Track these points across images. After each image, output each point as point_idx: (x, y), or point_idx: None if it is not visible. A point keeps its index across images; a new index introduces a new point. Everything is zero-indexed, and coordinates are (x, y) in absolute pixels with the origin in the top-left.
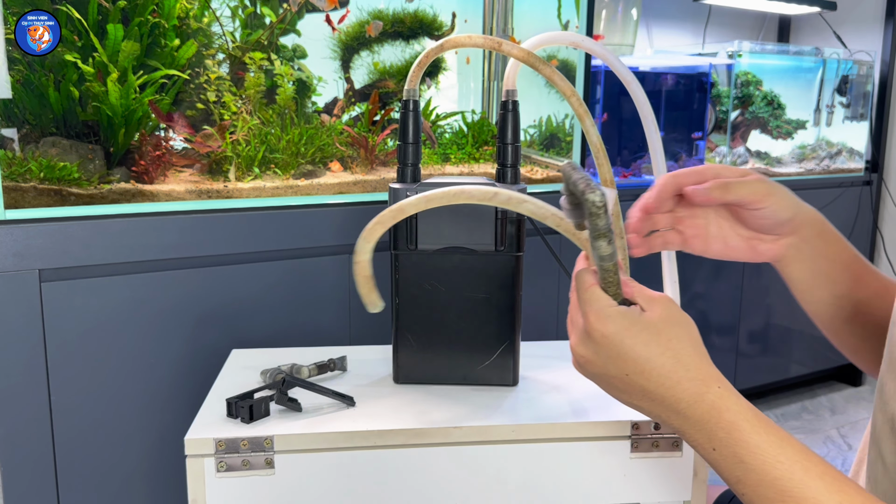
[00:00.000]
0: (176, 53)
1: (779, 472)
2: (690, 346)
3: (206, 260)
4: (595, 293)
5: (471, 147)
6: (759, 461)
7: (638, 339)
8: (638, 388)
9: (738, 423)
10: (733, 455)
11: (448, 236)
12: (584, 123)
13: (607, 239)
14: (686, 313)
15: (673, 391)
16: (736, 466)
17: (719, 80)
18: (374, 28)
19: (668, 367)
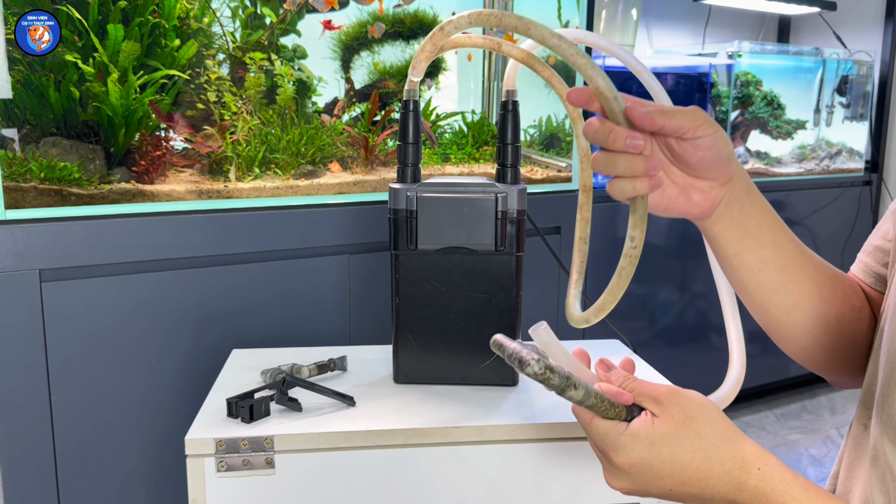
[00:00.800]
0: (176, 54)
1: None
2: (715, 436)
3: (206, 260)
4: (599, 427)
5: (471, 147)
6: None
7: (664, 455)
8: (687, 495)
9: (783, 503)
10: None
11: (448, 236)
12: (576, 128)
13: (571, 387)
14: (699, 396)
15: (717, 488)
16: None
17: (719, 80)
18: (377, 30)
19: (702, 468)
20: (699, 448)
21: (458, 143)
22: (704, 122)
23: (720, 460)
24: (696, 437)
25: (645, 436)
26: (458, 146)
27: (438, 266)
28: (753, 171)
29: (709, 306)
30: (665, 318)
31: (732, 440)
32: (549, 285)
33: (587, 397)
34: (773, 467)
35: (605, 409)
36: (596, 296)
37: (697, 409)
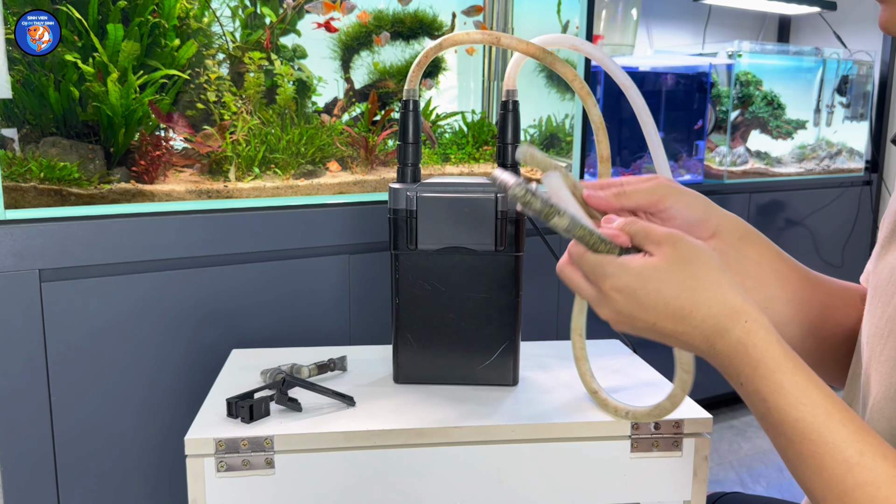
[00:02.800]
0: (176, 53)
1: (800, 413)
2: (709, 280)
3: (206, 260)
4: (590, 259)
5: (471, 147)
6: (781, 401)
7: (650, 286)
8: (669, 333)
9: (763, 361)
10: (756, 392)
11: (448, 236)
12: (587, 103)
13: (555, 214)
14: (701, 243)
15: (698, 330)
16: (759, 403)
17: (719, 80)
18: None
19: (687, 307)
20: (688, 287)
21: (458, 143)
22: (664, 195)
23: (707, 303)
24: (687, 277)
25: (635, 266)
26: (458, 146)
27: (438, 266)
28: (753, 171)
29: None
30: None
31: (726, 289)
32: (549, 285)
33: (574, 227)
34: (762, 324)
35: (596, 244)
36: None
37: (696, 253)
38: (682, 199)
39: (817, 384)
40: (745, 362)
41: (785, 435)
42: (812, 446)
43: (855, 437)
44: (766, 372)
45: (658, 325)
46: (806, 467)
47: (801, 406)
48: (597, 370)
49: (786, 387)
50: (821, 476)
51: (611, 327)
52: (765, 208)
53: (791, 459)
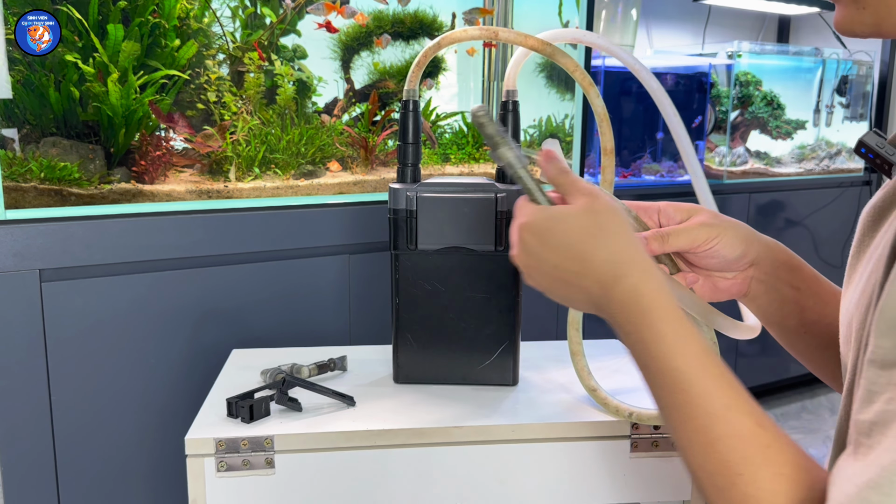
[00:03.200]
0: (176, 54)
1: (677, 363)
2: (614, 231)
3: (206, 260)
4: (518, 204)
5: (471, 147)
6: (662, 350)
7: (559, 229)
8: (568, 275)
9: (651, 310)
10: (641, 340)
11: (448, 236)
12: (589, 94)
13: (505, 144)
14: (615, 203)
15: (597, 273)
16: (642, 351)
17: (719, 80)
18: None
19: (589, 250)
20: (593, 234)
21: (458, 143)
22: (706, 239)
23: (608, 249)
24: (593, 225)
25: (550, 210)
26: (458, 146)
27: (438, 266)
28: (753, 172)
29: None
30: None
31: (626, 241)
32: None
33: (518, 162)
34: (654, 276)
35: (531, 189)
36: None
37: (607, 207)
38: (724, 240)
39: (698, 340)
40: (635, 310)
41: (661, 384)
42: (684, 396)
43: (724, 392)
44: (652, 320)
45: (560, 266)
46: (677, 416)
47: (679, 356)
48: (596, 369)
49: (669, 337)
50: (688, 425)
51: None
52: (764, 208)
53: (665, 408)
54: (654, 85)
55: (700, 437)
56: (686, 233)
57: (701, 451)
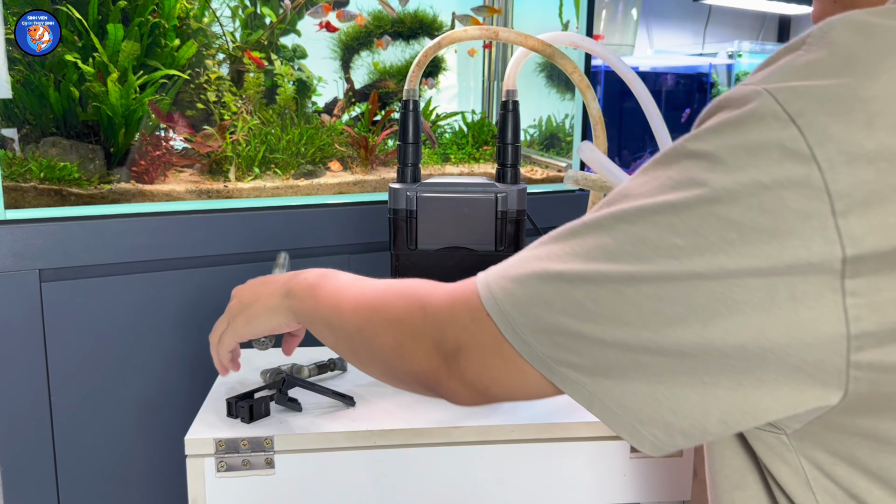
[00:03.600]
0: (176, 53)
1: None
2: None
3: (207, 260)
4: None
5: (471, 147)
6: (326, 288)
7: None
8: (257, 296)
9: (307, 278)
10: (312, 297)
11: (448, 236)
12: (586, 97)
13: None
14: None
15: (276, 290)
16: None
17: (719, 79)
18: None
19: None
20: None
21: (458, 143)
22: None
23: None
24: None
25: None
26: (458, 146)
27: (438, 266)
28: None
29: None
30: None
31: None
32: None
33: None
34: (306, 273)
35: None
36: None
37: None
38: None
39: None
40: (304, 286)
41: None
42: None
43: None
44: (315, 282)
45: (254, 292)
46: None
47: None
48: None
49: (331, 280)
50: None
51: None
52: None
53: (341, 342)
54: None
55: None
56: None
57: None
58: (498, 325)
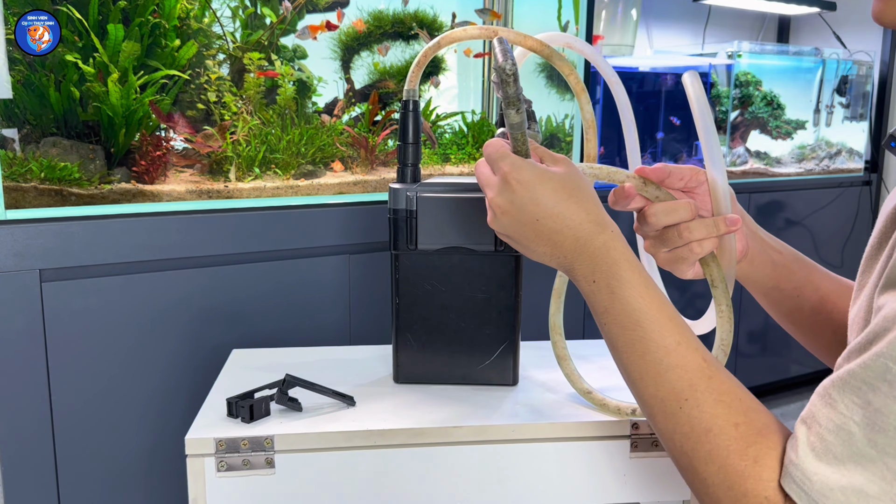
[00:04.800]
0: (176, 54)
1: (638, 304)
2: (589, 197)
3: (207, 260)
4: (508, 152)
5: (471, 147)
6: (626, 292)
7: (547, 187)
8: (546, 231)
9: (619, 261)
10: (608, 286)
11: (448, 236)
12: (580, 100)
13: (515, 108)
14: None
15: (575, 230)
16: (607, 296)
17: (719, 80)
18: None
19: (572, 210)
20: (575, 196)
21: (458, 143)
22: (698, 173)
23: (588, 210)
24: (575, 189)
25: (539, 168)
26: (458, 146)
27: (438, 266)
28: (753, 171)
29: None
30: None
31: (600, 207)
32: (549, 285)
33: (518, 128)
34: (620, 236)
35: (520, 150)
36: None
37: (582, 178)
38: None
39: (656, 289)
40: (605, 260)
41: (623, 323)
42: (641, 332)
43: (676, 330)
44: (619, 269)
45: (541, 220)
46: (633, 351)
47: (640, 298)
48: (596, 370)
49: (632, 282)
50: (644, 359)
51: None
52: (764, 208)
53: (620, 347)
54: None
55: (653, 368)
56: (685, 170)
57: (653, 380)
58: None
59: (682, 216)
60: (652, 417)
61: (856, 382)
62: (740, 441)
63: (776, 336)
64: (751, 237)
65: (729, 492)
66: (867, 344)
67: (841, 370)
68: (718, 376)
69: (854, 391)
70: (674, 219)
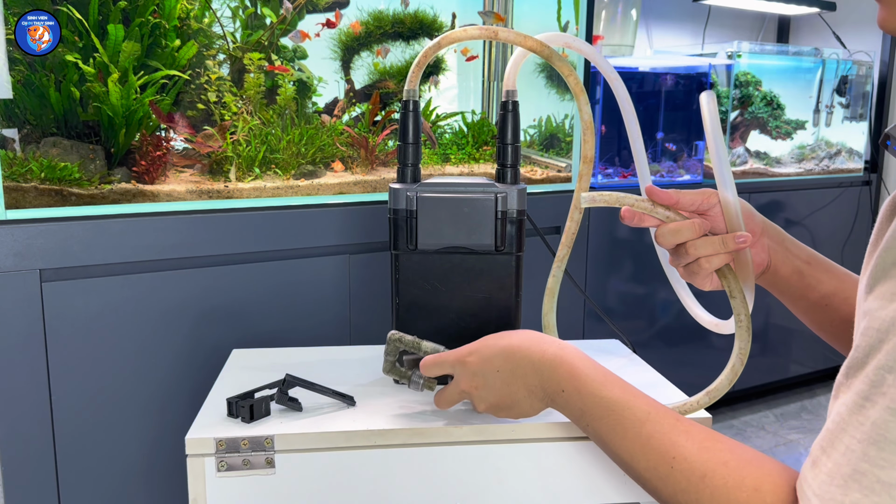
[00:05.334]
0: (176, 54)
1: (604, 393)
2: (515, 334)
3: (207, 260)
4: (439, 359)
5: (471, 147)
6: (592, 387)
7: (482, 344)
8: (508, 373)
9: (575, 366)
10: (575, 389)
11: (448, 236)
12: (579, 100)
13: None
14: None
15: (529, 357)
16: (577, 400)
17: (719, 80)
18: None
19: (514, 344)
20: (502, 338)
21: (458, 143)
22: (709, 197)
23: (520, 337)
24: (501, 337)
25: (463, 349)
26: (458, 146)
27: (438, 266)
28: (753, 171)
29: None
30: (665, 318)
31: (532, 333)
32: None
33: (415, 363)
34: (565, 346)
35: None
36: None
37: (492, 339)
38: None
39: (611, 373)
40: (564, 368)
41: (598, 416)
42: (614, 416)
43: (643, 402)
44: (577, 371)
45: (500, 369)
46: (615, 435)
47: (604, 388)
48: None
49: (591, 375)
50: (626, 438)
51: (607, 328)
52: (764, 209)
53: (605, 437)
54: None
55: (636, 442)
56: (695, 195)
57: (640, 454)
58: None
59: (686, 236)
60: (655, 491)
61: (860, 400)
62: (735, 475)
63: (776, 336)
64: (774, 249)
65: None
66: (864, 358)
67: (851, 393)
68: (694, 429)
69: (859, 409)
70: (679, 239)
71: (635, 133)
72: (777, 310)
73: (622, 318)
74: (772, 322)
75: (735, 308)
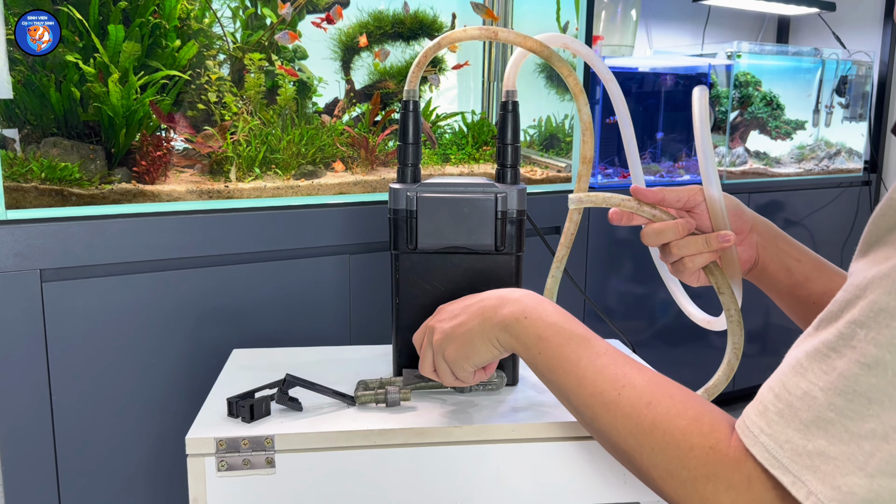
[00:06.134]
0: (177, 54)
1: (570, 325)
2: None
3: (207, 260)
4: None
5: (471, 147)
6: (556, 318)
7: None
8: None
9: (542, 299)
10: (539, 317)
11: (448, 236)
12: (578, 101)
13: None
14: None
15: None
16: (541, 326)
17: (718, 80)
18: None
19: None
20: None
21: (458, 143)
22: (695, 195)
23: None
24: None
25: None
26: (458, 146)
27: (438, 266)
28: (752, 172)
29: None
30: (664, 318)
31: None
32: None
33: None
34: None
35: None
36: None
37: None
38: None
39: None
40: (534, 299)
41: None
42: (573, 344)
43: (602, 341)
44: (545, 305)
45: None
46: (567, 361)
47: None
48: None
49: (559, 311)
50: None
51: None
52: (764, 209)
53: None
54: (618, 96)
55: (589, 369)
56: (681, 193)
57: (590, 380)
58: None
59: (669, 237)
60: (593, 419)
61: (826, 350)
62: (679, 406)
63: (775, 336)
64: (763, 246)
65: (676, 451)
66: (839, 312)
67: (815, 341)
68: (647, 368)
69: (823, 359)
70: (663, 239)
71: (629, 134)
72: (776, 310)
73: (622, 317)
74: (771, 322)
75: (724, 304)
